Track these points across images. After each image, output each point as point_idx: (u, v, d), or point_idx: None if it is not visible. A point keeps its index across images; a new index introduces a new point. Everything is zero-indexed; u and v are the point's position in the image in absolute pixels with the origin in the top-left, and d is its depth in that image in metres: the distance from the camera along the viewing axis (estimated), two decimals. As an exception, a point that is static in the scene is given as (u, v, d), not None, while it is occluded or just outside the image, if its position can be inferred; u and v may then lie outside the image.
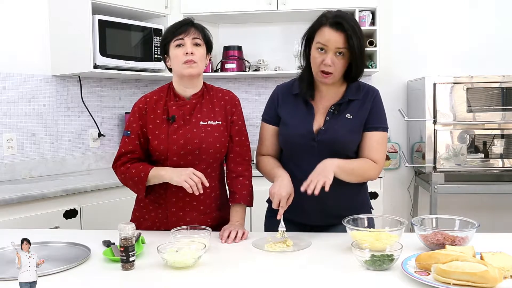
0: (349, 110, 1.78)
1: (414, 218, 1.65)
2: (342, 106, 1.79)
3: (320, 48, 1.70)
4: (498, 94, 3.20)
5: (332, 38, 1.67)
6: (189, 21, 1.84)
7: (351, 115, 1.78)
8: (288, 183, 1.71)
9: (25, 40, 3.08)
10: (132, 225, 1.44)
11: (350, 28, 1.66)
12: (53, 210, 2.60)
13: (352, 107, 1.79)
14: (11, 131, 3.02)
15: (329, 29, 1.68)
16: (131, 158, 1.83)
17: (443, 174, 3.22)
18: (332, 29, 1.67)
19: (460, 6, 3.71)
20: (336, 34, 1.67)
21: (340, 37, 1.67)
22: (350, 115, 1.78)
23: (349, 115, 1.78)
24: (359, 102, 1.79)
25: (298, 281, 1.33)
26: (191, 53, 1.77)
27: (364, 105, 1.79)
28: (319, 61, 1.71)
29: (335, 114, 1.78)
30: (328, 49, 1.69)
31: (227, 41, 3.76)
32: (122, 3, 3.20)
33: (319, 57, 1.71)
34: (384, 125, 1.81)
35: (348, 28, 1.66)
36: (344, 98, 1.79)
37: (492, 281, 1.19)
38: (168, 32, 1.83)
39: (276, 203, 1.67)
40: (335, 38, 1.67)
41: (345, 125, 1.77)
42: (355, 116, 1.78)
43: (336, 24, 1.67)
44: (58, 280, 1.36)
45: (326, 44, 1.68)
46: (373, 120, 1.79)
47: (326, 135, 1.76)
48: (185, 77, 1.81)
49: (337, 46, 1.67)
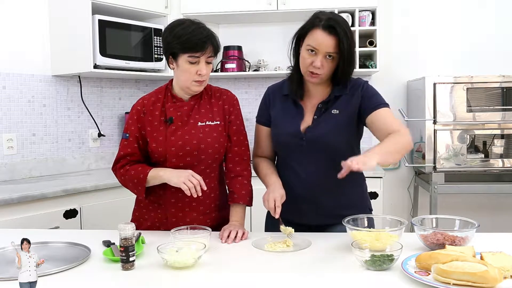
0: (336, 106, 1.78)
1: (414, 218, 1.65)
2: (329, 103, 1.79)
3: (311, 50, 1.69)
4: (498, 94, 3.20)
5: (323, 41, 1.66)
6: (207, 36, 1.73)
7: (338, 110, 1.77)
8: (280, 188, 1.74)
9: (25, 40, 3.08)
10: (132, 225, 1.44)
11: (342, 32, 1.65)
12: (53, 210, 2.60)
13: (339, 103, 1.78)
14: (11, 131, 3.02)
15: (321, 32, 1.67)
16: (130, 161, 1.83)
17: (443, 174, 3.22)
18: (324, 32, 1.66)
19: (460, 6, 3.71)
20: (328, 38, 1.66)
21: (332, 41, 1.66)
22: (337, 110, 1.77)
23: (336, 110, 1.77)
24: (347, 96, 1.78)
25: (298, 281, 1.33)
26: None
27: (352, 99, 1.77)
28: (308, 62, 1.71)
29: (323, 112, 1.78)
30: (318, 52, 1.68)
31: (227, 41, 3.76)
32: (122, 3, 3.20)
33: (309, 58, 1.70)
34: (383, 102, 1.76)
35: (340, 32, 1.65)
36: (330, 96, 1.79)
37: (492, 281, 1.19)
38: (182, 41, 1.70)
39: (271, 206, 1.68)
40: (326, 42, 1.66)
41: (331, 121, 1.76)
42: (342, 110, 1.77)
43: (329, 28, 1.66)
44: (58, 280, 1.36)
45: (317, 47, 1.68)
46: (370, 101, 1.76)
47: (313, 133, 1.77)
48: (191, 91, 1.81)
49: (327, 50, 1.67)
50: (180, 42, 1.71)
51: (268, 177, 1.83)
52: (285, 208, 1.73)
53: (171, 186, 1.75)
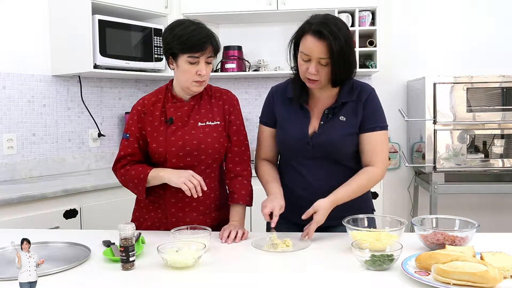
0: (343, 112, 1.77)
1: (414, 218, 1.65)
2: (336, 109, 1.77)
3: (304, 56, 1.68)
4: (498, 94, 3.20)
5: (314, 47, 1.64)
6: (207, 36, 1.73)
7: (345, 117, 1.76)
8: (281, 199, 1.73)
9: (25, 40, 3.08)
10: (132, 225, 1.44)
11: (332, 35, 1.61)
12: (53, 210, 2.60)
13: (346, 109, 1.77)
14: (11, 131, 3.02)
15: (311, 38, 1.65)
16: (130, 161, 1.83)
17: (443, 174, 3.22)
18: (314, 37, 1.64)
19: (460, 6, 3.71)
20: (318, 44, 1.63)
21: (322, 46, 1.63)
22: (344, 117, 1.76)
23: (343, 117, 1.76)
24: (353, 103, 1.77)
25: (298, 281, 1.33)
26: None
27: (358, 107, 1.77)
28: (304, 69, 1.70)
29: (330, 118, 1.77)
30: (311, 59, 1.67)
31: (227, 41, 3.76)
32: (122, 3, 3.20)
33: (304, 65, 1.69)
34: (381, 124, 1.78)
35: (328, 36, 1.61)
36: (337, 102, 1.77)
37: (492, 281, 1.19)
38: (182, 42, 1.70)
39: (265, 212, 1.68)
40: (317, 47, 1.64)
41: (338, 128, 1.76)
42: (349, 118, 1.76)
43: (318, 33, 1.63)
44: (58, 280, 1.35)
45: (309, 54, 1.66)
46: (369, 120, 1.76)
47: (320, 139, 1.76)
48: (191, 91, 1.81)
49: (319, 56, 1.65)
50: (180, 42, 1.71)
51: (269, 185, 1.81)
52: (288, 208, 1.72)
53: (171, 186, 1.75)
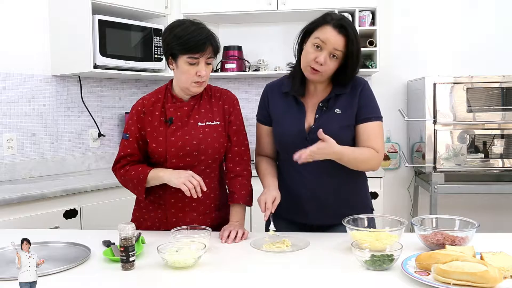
0: (338, 105, 1.78)
1: (414, 218, 1.65)
2: (330, 101, 1.79)
3: (317, 45, 1.70)
4: (498, 94, 3.20)
5: (332, 38, 1.67)
6: (207, 37, 1.72)
7: (340, 109, 1.78)
8: (273, 190, 1.75)
9: (25, 40, 3.08)
10: (132, 225, 1.44)
11: (352, 33, 1.68)
12: (53, 210, 2.60)
13: (341, 102, 1.79)
14: (11, 131, 3.02)
15: (331, 29, 1.68)
16: (130, 161, 1.83)
17: (443, 174, 3.22)
18: (335, 30, 1.68)
19: (460, 6, 3.71)
20: (338, 36, 1.68)
21: (341, 40, 1.68)
22: (339, 110, 1.78)
23: (338, 110, 1.78)
24: (347, 95, 1.79)
25: (298, 281, 1.33)
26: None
27: (353, 99, 1.78)
28: (311, 57, 1.70)
29: (324, 111, 1.78)
30: (324, 48, 1.69)
31: (227, 41, 3.76)
32: (122, 3, 3.20)
33: (313, 53, 1.70)
34: (375, 115, 1.79)
35: (350, 33, 1.68)
36: (331, 94, 1.79)
37: (492, 281, 1.19)
38: (181, 42, 1.70)
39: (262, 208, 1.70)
40: (335, 38, 1.68)
41: (334, 121, 1.77)
42: (344, 110, 1.78)
43: (340, 27, 1.68)
44: (58, 280, 1.35)
45: (325, 41, 1.68)
46: (364, 111, 1.78)
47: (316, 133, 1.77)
48: (190, 92, 1.81)
49: (335, 47, 1.68)
50: (180, 43, 1.71)
51: (265, 178, 1.84)
52: (287, 208, 1.72)
53: (171, 186, 1.75)
